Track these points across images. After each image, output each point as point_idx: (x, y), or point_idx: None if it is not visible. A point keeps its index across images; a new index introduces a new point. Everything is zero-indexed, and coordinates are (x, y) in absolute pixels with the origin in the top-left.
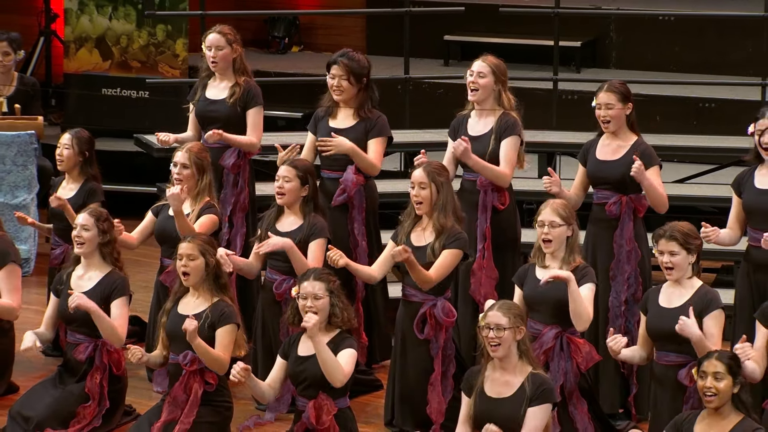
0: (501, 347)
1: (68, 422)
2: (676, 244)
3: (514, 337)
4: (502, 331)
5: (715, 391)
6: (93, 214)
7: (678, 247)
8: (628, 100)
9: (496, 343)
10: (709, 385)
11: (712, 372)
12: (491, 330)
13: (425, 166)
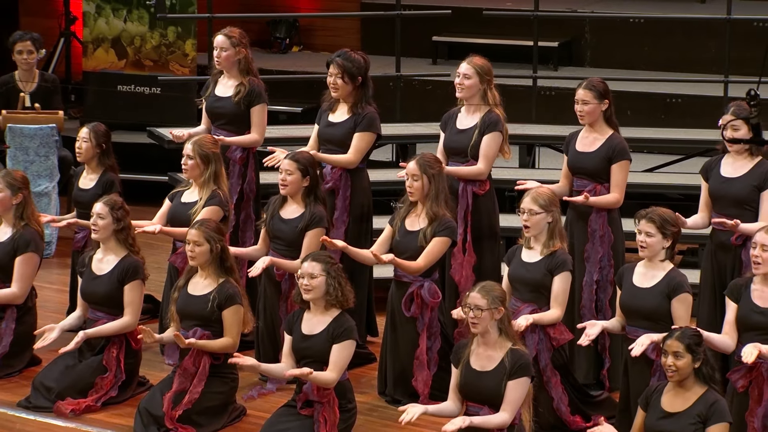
0: (479, 325)
1: (87, 392)
2: (653, 226)
3: (492, 317)
4: (480, 311)
5: (675, 368)
6: (108, 203)
7: (654, 229)
8: (605, 96)
9: (475, 321)
10: (670, 363)
11: (672, 351)
12: (471, 309)
13: (418, 158)
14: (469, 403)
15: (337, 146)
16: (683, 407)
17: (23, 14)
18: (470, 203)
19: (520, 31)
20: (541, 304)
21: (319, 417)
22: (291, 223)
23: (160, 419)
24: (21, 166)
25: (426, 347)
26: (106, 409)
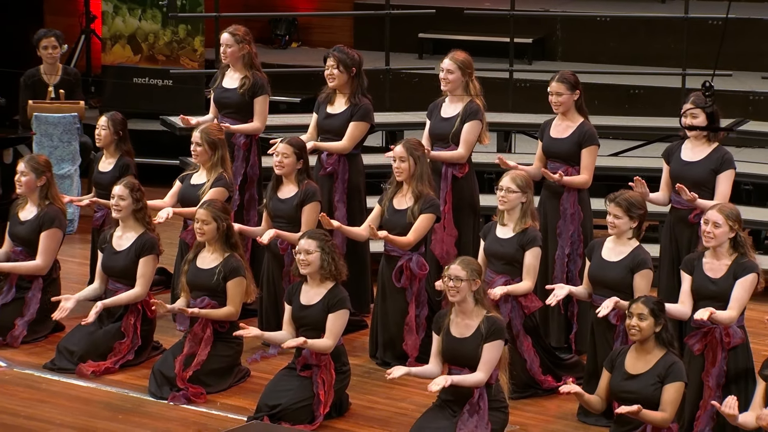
0: (458, 295)
1: (106, 355)
2: (621, 210)
3: (470, 288)
4: (460, 281)
5: (638, 328)
6: (127, 185)
7: (621, 212)
8: (576, 87)
9: (454, 291)
10: (634, 323)
11: (637, 313)
12: (451, 280)
13: (404, 142)
14: (452, 366)
15: (336, 135)
16: (645, 369)
17: (48, 13)
18: (450, 184)
19: (497, 28)
20: (513, 276)
21: (317, 378)
22: (288, 201)
23: (172, 380)
24: (46, 151)
25: (414, 314)
26: (124, 371)
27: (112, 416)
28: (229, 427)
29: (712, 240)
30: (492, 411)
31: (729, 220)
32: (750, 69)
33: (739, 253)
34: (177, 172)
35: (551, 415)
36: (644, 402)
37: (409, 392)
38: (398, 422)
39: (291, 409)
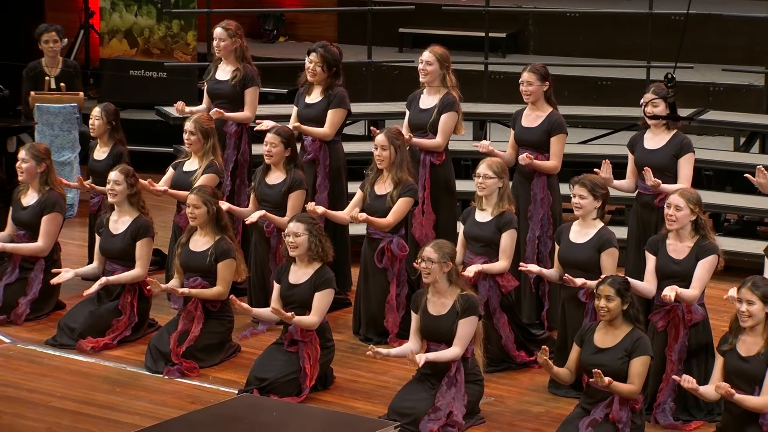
0: (430, 275)
1: (105, 332)
2: (585, 190)
3: (441, 270)
4: (431, 263)
5: (607, 309)
6: (122, 172)
7: (586, 192)
8: (546, 79)
9: (426, 272)
10: (603, 305)
11: (605, 295)
12: (424, 261)
13: (386, 131)
14: (430, 342)
15: (314, 123)
16: (613, 343)
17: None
18: (429, 171)
19: (473, 23)
20: (491, 257)
21: (303, 353)
22: (276, 187)
23: (167, 355)
24: (47, 140)
25: (395, 293)
26: (122, 347)
27: (111, 389)
28: (221, 400)
29: (674, 223)
30: (468, 383)
31: (690, 204)
32: (710, 62)
33: (700, 235)
34: (171, 160)
35: (524, 387)
36: (612, 374)
37: (390, 366)
38: (380, 394)
39: (279, 382)
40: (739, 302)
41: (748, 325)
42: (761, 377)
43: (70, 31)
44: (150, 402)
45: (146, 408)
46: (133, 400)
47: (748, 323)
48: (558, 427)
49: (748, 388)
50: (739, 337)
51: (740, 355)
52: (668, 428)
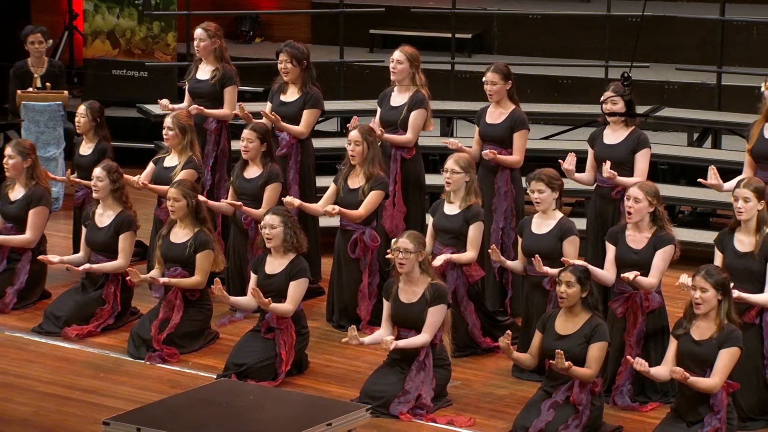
0: (406, 265)
1: (89, 320)
2: (543, 184)
3: (416, 259)
4: (409, 253)
5: (566, 294)
6: (105, 168)
7: (544, 186)
8: (509, 78)
9: (403, 262)
10: (563, 290)
11: (566, 281)
12: (400, 252)
13: (359, 128)
14: (400, 328)
15: (290, 121)
16: (573, 330)
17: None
18: (399, 166)
19: (440, 25)
20: (459, 248)
21: (279, 340)
22: (253, 181)
23: (148, 342)
24: (33, 137)
25: (367, 282)
26: (105, 334)
27: (94, 375)
28: (200, 384)
29: (633, 214)
30: (436, 368)
31: (648, 196)
32: (665, 61)
33: (657, 226)
34: (152, 155)
35: (489, 371)
36: (573, 359)
37: (362, 352)
38: (352, 379)
39: (256, 367)
40: (693, 290)
41: (702, 311)
42: (713, 360)
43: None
44: (132, 387)
45: (129, 392)
46: (116, 385)
47: (701, 309)
48: (521, 409)
49: (700, 370)
50: (693, 323)
51: (693, 339)
52: (626, 409)
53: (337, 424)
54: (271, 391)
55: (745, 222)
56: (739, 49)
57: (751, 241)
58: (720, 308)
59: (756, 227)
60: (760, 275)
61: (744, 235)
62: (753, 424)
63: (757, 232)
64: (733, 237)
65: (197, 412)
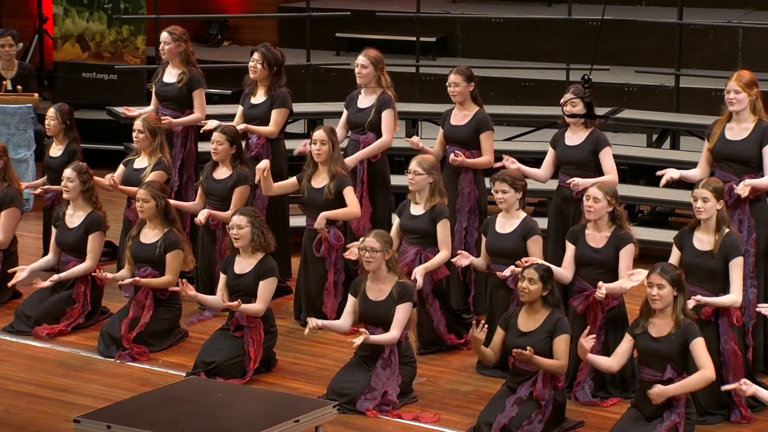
0: (373, 264)
1: (59, 319)
2: (506, 184)
3: (383, 258)
4: (375, 252)
5: (528, 290)
6: (76, 169)
7: (507, 186)
8: (471, 80)
9: (370, 260)
10: (525, 286)
11: (528, 277)
12: (367, 251)
13: (323, 127)
14: (367, 326)
15: (259, 122)
16: (534, 327)
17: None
18: (366, 167)
19: (405, 28)
20: (425, 247)
21: (248, 338)
22: (222, 182)
23: (118, 341)
24: (3, 138)
25: (333, 281)
26: (75, 333)
27: (65, 373)
28: (170, 382)
29: (592, 213)
30: (402, 365)
31: (608, 196)
32: (624, 64)
33: (616, 225)
34: (122, 157)
35: (454, 368)
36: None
37: (330, 349)
38: (319, 376)
39: (225, 365)
40: (649, 287)
41: (658, 307)
42: (672, 355)
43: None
44: (102, 385)
45: (99, 390)
46: (86, 383)
47: (658, 305)
48: (485, 405)
49: (661, 366)
50: (650, 320)
51: (652, 337)
52: (587, 405)
53: (304, 421)
54: (239, 389)
55: (705, 221)
56: (696, 52)
57: (710, 240)
58: (676, 304)
59: (715, 227)
60: (719, 274)
61: (703, 234)
62: (711, 419)
63: (716, 231)
64: (692, 235)
65: (167, 409)
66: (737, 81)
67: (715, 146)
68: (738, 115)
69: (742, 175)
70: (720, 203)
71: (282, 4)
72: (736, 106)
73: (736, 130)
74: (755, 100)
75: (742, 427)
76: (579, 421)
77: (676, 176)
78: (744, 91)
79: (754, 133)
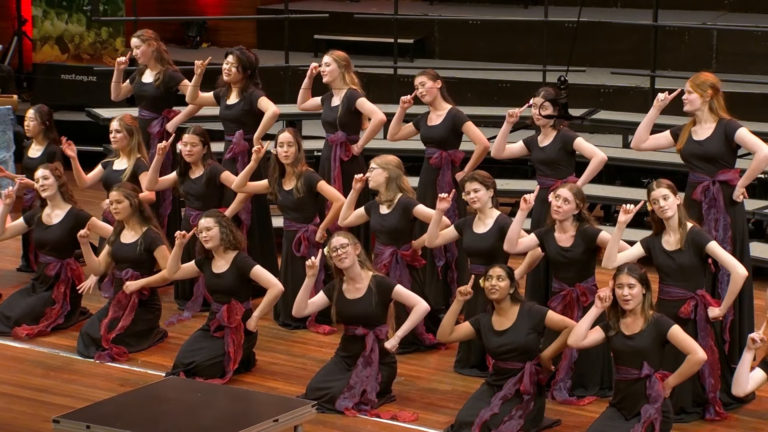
0: (347, 259)
1: (39, 320)
2: (477, 183)
3: (354, 251)
4: (346, 247)
5: (498, 287)
6: (47, 167)
7: (479, 184)
8: (437, 78)
9: (343, 256)
10: (494, 284)
11: (496, 275)
12: (338, 249)
13: (289, 129)
14: (347, 325)
15: (232, 123)
16: (510, 324)
17: None
18: (339, 166)
19: (383, 30)
20: (399, 245)
21: (228, 339)
22: (198, 181)
23: (98, 341)
24: None
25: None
26: (55, 333)
27: (45, 373)
28: (149, 382)
29: (559, 214)
30: (382, 364)
31: (577, 198)
32: (600, 65)
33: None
34: (101, 157)
35: (432, 367)
36: (520, 351)
37: (309, 349)
38: (299, 376)
39: (204, 365)
40: (619, 288)
41: (630, 307)
42: (648, 350)
43: (4, 37)
44: (82, 385)
45: (78, 390)
46: (65, 384)
47: (630, 305)
48: (465, 402)
49: (638, 363)
50: (621, 321)
51: (625, 335)
52: (564, 404)
53: (283, 420)
54: (218, 389)
55: (669, 220)
56: (671, 53)
57: (677, 238)
58: (645, 301)
59: (678, 223)
60: (692, 269)
61: (670, 235)
62: (687, 417)
63: (679, 226)
64: (660, 239)
65: (146, 409)
66: (691, 82)
67: (684, 148)
68: (697, 116)
69: (715, 173)
70: (678, 198)
71: (261, 6)
72: (688, 107)
73: (699, 131)
74: (711, 101)
75: (717, 424)
76: (556, 420)
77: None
78: (696, 91)
79: (717, 130)
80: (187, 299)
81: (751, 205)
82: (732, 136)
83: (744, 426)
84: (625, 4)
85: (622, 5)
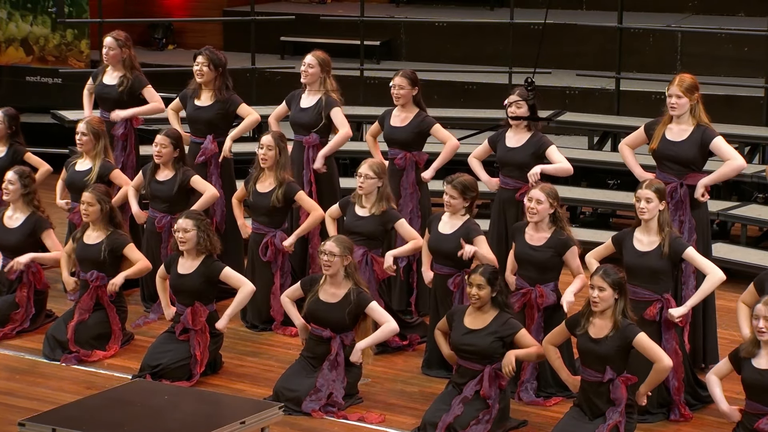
0: (332, 268)
1: (4, 324)
2: (457, 192)
3: (342, 263)
4: (334, 257)
5: (478, 296)
6: (17, 172)
7: (457, 193)
8: (416, 84)
9: (329, 264)
10: (474, 293)
11: (476, 284)
12: (326, 255)
13: (272, 133)
14: (314, 326)
15: (204, 125)
16: (482, 325)
17: None
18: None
19: (349, 32)
20: (371, 248)
21: (194, 341)
22: (167, 184)
23: (64, 344)
24: None
25: (279, 284)
26: (21, 337)
27: (10, 377)
28: (116, 385)
29: (535, 215)
30: (348, 367)
31: (550, 198)
32: (566, 67)
33: (557, 227)
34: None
35: (399, 368)
36: (482, 354)
37: (276, 351)
38: (265, 377)
39: (171, 368)
40: (591, 288)
41: (598, 309)
42: (612, 356)
43: None
44: (48, 388)
45: (44, 393)
46: (31, 387)
47: (598, 308)
48: (431, 404)
49: (601, 367)
50: (590, 320)
51: (591, 338)
52: (530, 404)
53: (250, 423)
54: (185, 391)
55: (646, 222)
56: (636, 56)
57: (651, 240)
58: (616, 307)
59: (658, 228)
60: (663, 273)
61: (643, 235)
62: (651, 418)
63: (659, 232)
64: (632, 236)
65: (112, 412)
66: (679, 86)
67: (657, 148)
68: (678, 118)
69: (684, 176)
70: (662, 204)
71: (227, 8)
72: (677, 111)
73: (675, 131)
74: (695, 104)
75: (681, 425)
76: (522, 420)
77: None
78: (685, 96)
79: (693, 135)
80: (153, 301)
81: (716, 206)
82: (708, 144)
83: (708, 426)
84: (591, 6)
85: (587, 7)
